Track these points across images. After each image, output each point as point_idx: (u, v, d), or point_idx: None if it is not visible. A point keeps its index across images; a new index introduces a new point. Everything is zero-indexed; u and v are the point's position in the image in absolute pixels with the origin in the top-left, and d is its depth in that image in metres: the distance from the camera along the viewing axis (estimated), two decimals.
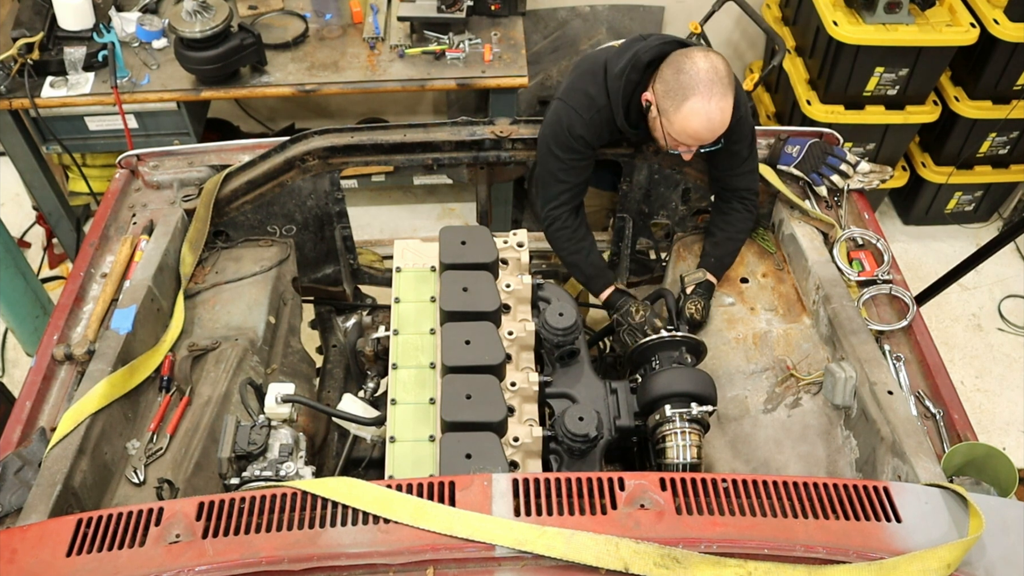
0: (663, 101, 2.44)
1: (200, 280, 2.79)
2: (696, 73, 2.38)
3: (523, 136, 2.87)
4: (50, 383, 2.36)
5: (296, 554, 1.64)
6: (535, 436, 2.18)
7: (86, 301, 2.58)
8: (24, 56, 3.74)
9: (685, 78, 2.39)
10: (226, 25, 3.68)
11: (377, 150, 2.87)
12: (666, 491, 1.74)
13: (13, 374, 4.46)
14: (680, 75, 2.40)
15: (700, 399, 2.26)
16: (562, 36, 5.11)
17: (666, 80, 2.44)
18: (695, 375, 2.32)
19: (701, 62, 2.39)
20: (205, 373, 2.52)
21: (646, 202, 3.04)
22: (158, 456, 2.29)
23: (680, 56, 2.44)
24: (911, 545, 1.67)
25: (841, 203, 2.88)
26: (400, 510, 1.69)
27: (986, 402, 4.48)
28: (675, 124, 2.45)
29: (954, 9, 4.26)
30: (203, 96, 3.91)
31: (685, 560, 1.61)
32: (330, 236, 3.10)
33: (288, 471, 2.15)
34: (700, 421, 2.25)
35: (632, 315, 2.72)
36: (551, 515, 1.70)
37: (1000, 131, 4.66)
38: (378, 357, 2.89)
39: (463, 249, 2.47)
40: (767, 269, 2.86)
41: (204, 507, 1.73)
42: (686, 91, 2.39)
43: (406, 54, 4.01)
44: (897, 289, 2.64)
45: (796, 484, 1.77)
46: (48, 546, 1.70)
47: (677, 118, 2.43)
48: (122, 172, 2.95)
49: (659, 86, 2.46)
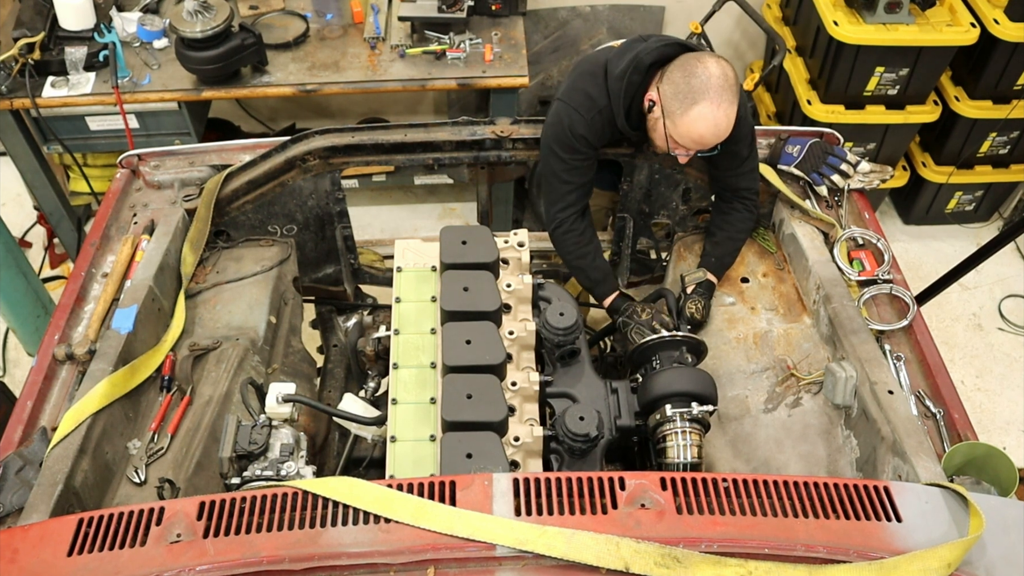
0: (670, 103, 2.44)
1: (201, 280, 2.79)
2: (708, 78, 2.38)
3: (524, 136, 2.87)
4: (51, 383, 2.37)
5: (297, 554, 1.64)
6: (536, 436, 2.19)
7: (87, 301, 2.58)
8: (25, 56, 3.75)
9: (696, 82, 2.39)
10: (227, 25, 3.69)
11: (378, 150, 2.87)
12: (667, 491, 1.74)
13: (14, 374, 4.47)
14: (691, 79, 2.40)
15: (701, 399, 2.26)
16: (563, 36, 5.11)
17: (675, 82, 2.43)
18: (696, 375, 2.32)
19: (713, 67, 2.39)
20: (206, 373, 2.52)
21: (647, 202, 3.05)
22: (159, 456, 2.29)
23: (692, 60, 2.44)
24: (911, 544, 1.67)
25: (841, 203, 2.88)
26: (401, 510, 1.70)
27: (986, 402, 4.48)
28: (680, 127, 2.45)
29: (954, 9, 4.26)
30: (204, 96, 3.91)
31: (686, 560, 1.61)
32: (331, 236, 3.10)
33: (289, 471, 2.15)
34: (701, 421, 2.25)
35: (638, 314, 2.72)
36: (552, 515, 1.70)
37: (1000, 131, 4.66)
38: (379, 357, 2.90)
39: (464, 249, 2.47)
40: (768, 269, 2.87)
41: (205, 507, 1.73)
42: (696, 95, 2.39)
43: (407, 54, 4.01)
44: (897, 289, 2.65)
45: (797, 484, 1.77)
46: (49, 546, 1.70)
47: (683, 121, 2.43)
48: (123, 172, 2.95)
49: (667, 87, 2.46)
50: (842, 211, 2.86)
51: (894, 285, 2.66)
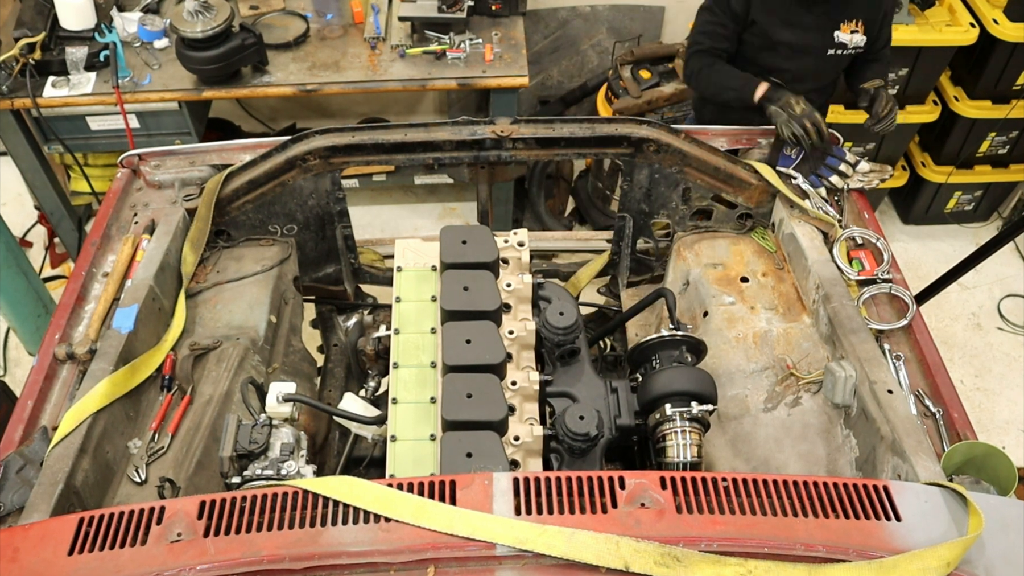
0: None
1: (201, 279, 2.80)
2: None
3: (524, 136, 2.87)
4: (52, 382, 2.37)
5: (297, 553, 1.64)
6: (536, 435, 2.19)
7: (88, 300, 2.59)
8: (26, 56, 3.76)
9: None
10: (227, 25, 3.69)
11: (378, 150, 2.87)
12: (666, 490, 1.75)
13: (15, 373, 4.47)
14: None
15: (700, 398, 2.26)
16: (562, 36, 5.11)
17: None
18: (695, 374, 2.32)
19: None
20: (206, 372, 2.52)
21: (646, 201, 3.05)
22: (159, 455, 2.30)
23: None
24: (911, 544, 1.68)
25: (841, 203, 2.88)
26: (401, 509, 1.70)
27: (986, 401, 4.48)
28: None
29: (954, 9, 4.27)
30: (204, 96, 3.92)
31: (685, 559, 1.62)
32: (331, 235, 3.10)
33: (289, 470, 2.15)
34: (700, 420, 2.25)
35: (792, 106, 2.80)
36: (552, 514, 1.70)
37: (999, 131, 4.67)
38: (379, 356, 2.90)
39: (464, 248, 2.48)
40: (767, 268, 2.87)
41: (205, 506, 1.73)
42: None
43: (407, 54, 4.01)
44: (897, 288, 2.65)
45: (796, 483, 1.78)
46: (50, 545, 1.71)
47: None
48: (124, 172, 2.95)
49: None
50: (839, 211, 2.87)
51: (893, 285, 2.66)
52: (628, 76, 4.36)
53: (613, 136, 2.85)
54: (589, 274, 3.29)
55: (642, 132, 2.83)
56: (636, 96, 4.29)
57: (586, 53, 5.20)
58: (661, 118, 4.23)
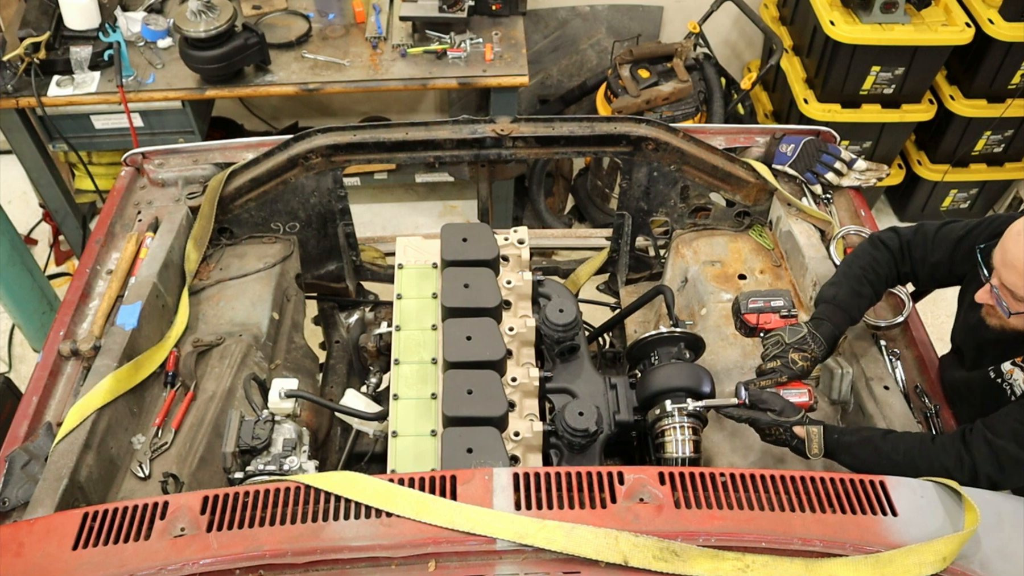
0: None
1: (204, 277, 2.82)
2: None
3: (523, 134, 2.88)
4: (56, 378, 2.38)
5: (299, 547, 1.66)
6: (535, 431, 2.20)
7: (92, 297, 2.60)
8: (31, 55, 3.77)
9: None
10: (230, 25, 3.70)
11: (379, 148, 2.89)
12: (665, 485, 1.76)
13: (20, 370, 4.48)
14: None
15: (699, 394, 2.27)
16: (562, 36, 5.12)
17: None
18: (694, 370, 2.33)
19: None
20: (209, 368, 2.54)
21: (645, 199, 3.06)
22: (163, 451, 2.31)
23: None
24: (907, 538, 1.69)
25: (831, 203, 2.89)
26: (402, 504, 1.72)
27: None
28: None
29: (949, 9, 4.28)
30: (208, 95, 3.93)
31: (684, 553, 1.63)
32: (333, 233, 3.12)
33: (291, 465, 2.16)
34: (698, 416, 2.27)
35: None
36: (551, 509, 1.72)
37: (995, 129, 4.67)
38: (380, 353, 2.91)
39: (464, 246, 2.49)
40: (765, 266, 2.88)
41: (209, 501, 1.75)
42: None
43: (408, 53, 4.03)
44: None
45: (793, 478, 1.79)
46: (54, 539, 1.72)
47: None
48: (128, 170, 2.97)
49: None
50: (832, 209, 2.87)
51: None
52: (627, 75, 4.37)
53: (612, 135, 2.86)
54: (588, 271, 3.31)
55: (641, 131, 2.84)
56: (635, 95, 4.30)
57: (585, 52, 5.21)
58: (660, 117, 4.24)
